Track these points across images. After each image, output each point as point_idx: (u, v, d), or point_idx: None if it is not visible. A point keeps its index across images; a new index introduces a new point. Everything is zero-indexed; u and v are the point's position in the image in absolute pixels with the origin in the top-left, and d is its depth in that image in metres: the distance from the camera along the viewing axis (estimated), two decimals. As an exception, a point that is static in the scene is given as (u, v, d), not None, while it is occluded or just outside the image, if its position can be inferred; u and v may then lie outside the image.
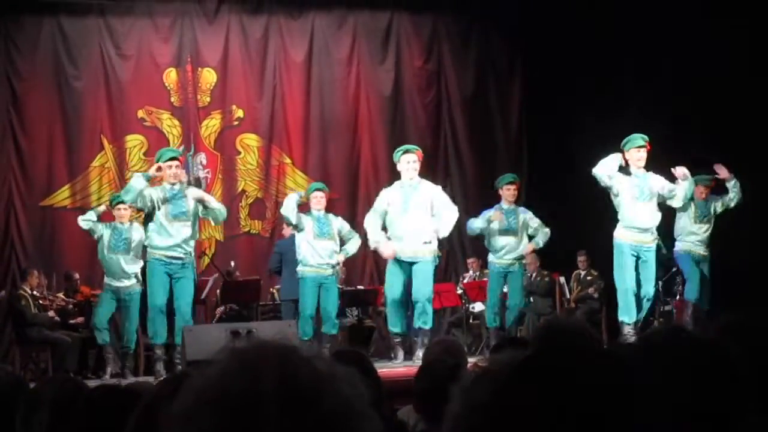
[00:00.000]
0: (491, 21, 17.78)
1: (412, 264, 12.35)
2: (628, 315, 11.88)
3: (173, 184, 11.76)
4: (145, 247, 12.08)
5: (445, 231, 12.74)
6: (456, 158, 17.90)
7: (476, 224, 13.68)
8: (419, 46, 17.94)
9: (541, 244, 13.63)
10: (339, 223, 13.32)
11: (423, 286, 12.33)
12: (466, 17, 17.92)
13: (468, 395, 1.95)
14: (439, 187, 12.91)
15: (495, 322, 13.64)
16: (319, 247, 13.00)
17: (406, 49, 17.80)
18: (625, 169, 11.92)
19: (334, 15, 17.52)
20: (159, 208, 11.67)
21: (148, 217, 11.92)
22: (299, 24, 17.34)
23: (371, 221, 12.54)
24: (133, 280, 12.65)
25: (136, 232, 12.58)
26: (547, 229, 13.56)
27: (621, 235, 12.02)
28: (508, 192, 13.57)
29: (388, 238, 12.45)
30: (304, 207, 13.22)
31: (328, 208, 13.47)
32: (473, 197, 17.47)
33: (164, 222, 11.70)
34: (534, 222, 13.56)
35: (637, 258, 12.01)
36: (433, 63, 17.96)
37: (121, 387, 2.94)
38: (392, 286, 12.49)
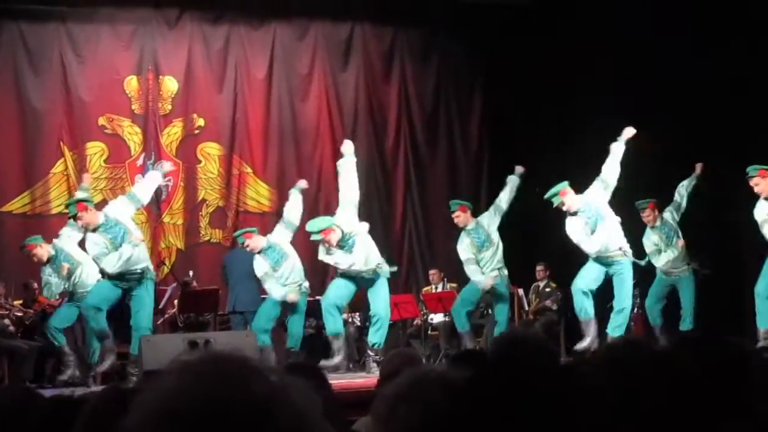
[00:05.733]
0: (452, 33, 17.83)
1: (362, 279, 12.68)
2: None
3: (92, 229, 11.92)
4: None
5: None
6: (416, 171, 17.93)
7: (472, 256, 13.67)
8: (380, 58, 17.96)
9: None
10: (283, 235, 13.34)
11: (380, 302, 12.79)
12: (427, 29, 17.96)
13: (416, 405, 1.94)
14: None
15: (465, 326, 13.68)
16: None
17: (367, 60, 17.82)
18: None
19: (295, 25, 17.50)
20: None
21: None
22: (260, 34, 17.32)
23: None
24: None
25: (89, 240, 12.45)
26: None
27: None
28: (455, 219, 13.64)
29: None
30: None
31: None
32: (434, 210, 17.54)
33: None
34: (494, 216, 13.56)
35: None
36: (395, 75, 17.99)
37: (74, 398, 2.90)
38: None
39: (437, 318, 15.46)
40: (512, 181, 13.61)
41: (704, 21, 14.38)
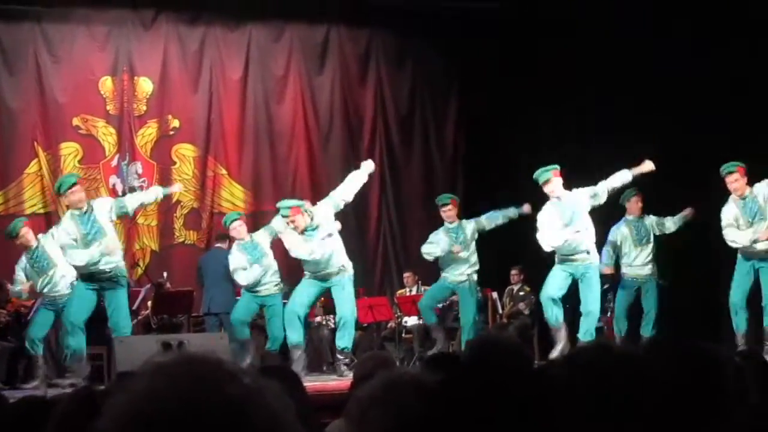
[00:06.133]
0: (427, 36, 17.84)
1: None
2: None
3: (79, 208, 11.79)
4: None
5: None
6: (391, 174, 17.93)
7: (435, 253, 13.67)
8: (356, 61, 17.96)
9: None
10: (265, 237, 13.25)
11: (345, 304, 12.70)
12: (403, 32, 17.96)
13: (389, 407, 1.94)
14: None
15: (431, 319, 13.82)
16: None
17: (343, 63, 17.82)
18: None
19: (270, 27, 17.49)
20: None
21: None
22: (236, 36, 17.30)
23: None
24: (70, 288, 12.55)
25: (61, 227, 12.32)
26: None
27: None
28: (443, 213, 13.65)
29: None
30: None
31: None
32: (409, 213, 17.56)
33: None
34: (477, 225, 13.58)
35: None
36: (370, 77, 17.99)
37: (46, 399, 2.89)
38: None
39: (411, 321, 15.47)
40: (510, 213, 13.61)
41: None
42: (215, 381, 1.43)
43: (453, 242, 13.51)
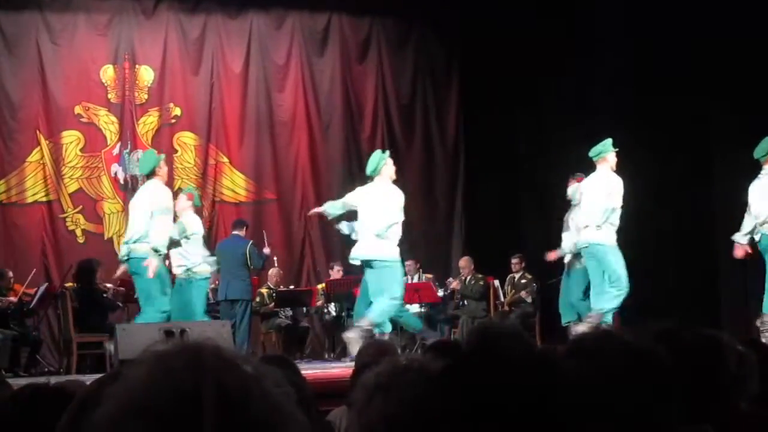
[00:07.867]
0: (428, 24, 17.84)
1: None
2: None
3: None
4: None
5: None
6: (393, 160, 17.87)
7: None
8: (357, 48, 17.94)
9: None
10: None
11: None
12: (404, 20, 17.96)
13: (395, 393, 1.94)
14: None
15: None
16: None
17: (344, 50, 17.80)
18: None
19: (272, 15, 17.47)
20: None
21: None
22: (237, 23, 17.29)
23: None
24: None
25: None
26: None
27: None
28: None
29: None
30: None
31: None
32: (410, 200, 17.50)
33: None
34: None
35: None
36: (371, 65, 17.97)
37: (50, 386, 2.88)
38: None
39: (413, 309, 15.46)
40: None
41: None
42: (213, 369, 1.42)
43: None
